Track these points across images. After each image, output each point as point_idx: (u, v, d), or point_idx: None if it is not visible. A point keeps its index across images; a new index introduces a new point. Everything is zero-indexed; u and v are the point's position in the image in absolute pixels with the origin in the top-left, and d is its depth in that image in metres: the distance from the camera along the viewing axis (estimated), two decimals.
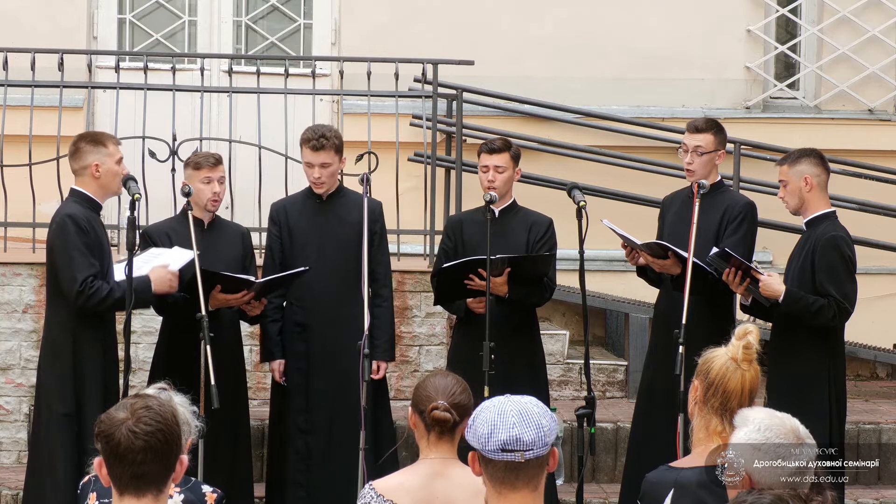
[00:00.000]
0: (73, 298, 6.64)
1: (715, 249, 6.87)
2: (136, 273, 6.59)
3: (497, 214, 7.24)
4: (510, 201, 7.39)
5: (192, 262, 6.78)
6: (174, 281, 6.81)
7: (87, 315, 6.71)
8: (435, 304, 7.69)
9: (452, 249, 7.39)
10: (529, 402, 3.56)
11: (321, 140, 7.29)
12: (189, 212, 6.95)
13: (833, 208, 7.00)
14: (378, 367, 7.31)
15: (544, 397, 7.19)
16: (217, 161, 7.32)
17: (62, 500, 6.65)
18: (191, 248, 6.83)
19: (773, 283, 6.78)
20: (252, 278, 7.12)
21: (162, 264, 6.82)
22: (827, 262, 6.76)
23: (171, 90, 9.01)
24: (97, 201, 6.88)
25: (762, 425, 3.74)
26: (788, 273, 6.95)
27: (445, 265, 7.15)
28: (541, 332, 7.63)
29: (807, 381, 6.77)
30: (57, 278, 6.74)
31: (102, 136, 6.97)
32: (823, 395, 6.75)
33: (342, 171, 7.63)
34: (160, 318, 8.01)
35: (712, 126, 7.31)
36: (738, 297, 7.05)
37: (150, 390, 4.33)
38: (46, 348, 6.87)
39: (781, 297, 6.73)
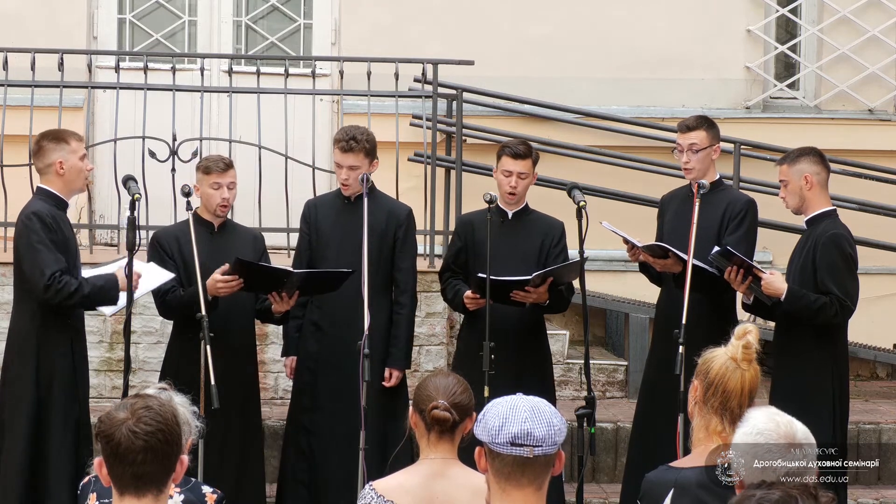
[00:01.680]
0: (40, 292, 6.60)
1: (717, 248, 6.86)
2: (101, 271, 6.65)
3: (510, 217, 7.25)
4: (523, 205, 7.37)
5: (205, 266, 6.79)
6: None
7: (53, 311, 6.68)
8: (445, 300, 7.64)
9: (462, 249, 7.38)
10: (541, 402, 3.60)
11: (350, 143, 7.23)
12: (189, 213, 6.90)
13: (833, 206, 6.99)
14: (390, 374, 7.26)
15: (551, 399, 7.14)
16: (227, 166, 7.22)
17: (14, 499, 6.65)
18: (199, 250, 6.79)
19: (776, 281, 6.77)
20: (289, 268, 7.09)
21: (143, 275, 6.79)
22: (828, 260, 6.76)
23: (171, 90, 9.01)
24: (63, 199, 6.86)
25: (755, 428, 3.73)
26: (790, 272, 6.95)
27: (483, 276, 7.08)
28: None
29: (810, 381, 6.76)
30: (23, 274, 6.73)
31: (64, 133, 6.95)
32: (827, 394, 6.74)
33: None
34: (160, 319, 8.02)
35: (703, 122, 7.32)
36: (740, 295, 7.04)
37: (151, 390, 4.33)
38: (12, 347, 6.85)
39: (783, 296, 6.72)
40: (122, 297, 6.72)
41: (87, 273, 6.83)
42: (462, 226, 7.52)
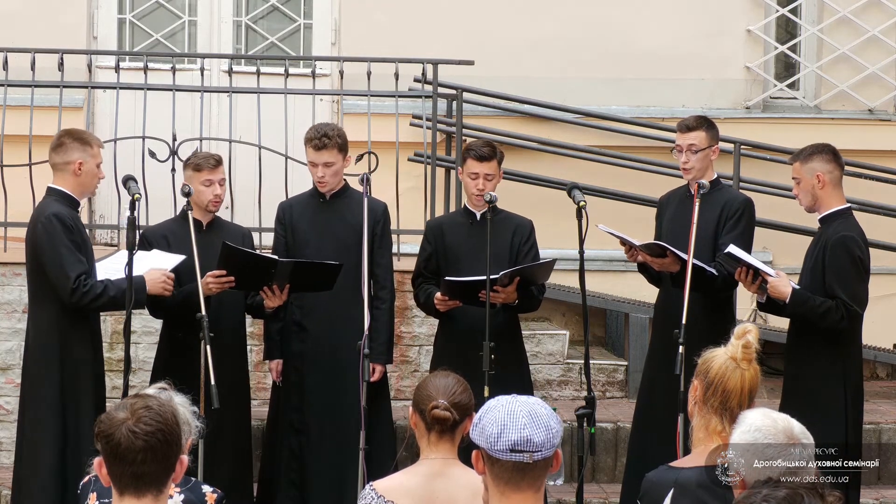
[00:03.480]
0: (67, 296, 6.63)
1: (731, 247, 6.83)
2: (118, 273, 6.61)
3: (479, 218, 7.23)
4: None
5: (189, 260, 6.78)
6: (168, 284, 6.82)
7: (78, 313, 6.69)
8: (419, 305, 7.62)
9: (432, 254, 7.37)
10: (537, 404, 3.55)
11: (323, 139, 7.29)
12: (189, 213, 6.93)
13: (848, 204, 6.90)
14: (374, 369, 7.26)
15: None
16: (217, 162, 7.30)
17: (47, 500, 6.63)
18: (189, 248, 6.81)
19: (780, 284, 6.72)
20: (275, 257, 7.10)
21: (156, 267, 6.81)
22: (835, 263, 6.70)
23: (171, 90, 9.02)
24: (76, 199, 6.86)
25: (752, 426, 3.73)
26: (803, 272, 6.92)
27: (451, 279, 7.08)
28: (540, 332, 7.62)
29: (822, 382, 6.70)
30: (46, 278, 6.71)
31: (89, 137, 6.97)
32: (839, 395, 6.69)
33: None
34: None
35: (703, 123, 7.32)
36: (747, 294, 7.01)
37: (151, 390, 4.33)
38: (33, 350, 6.84)
39: (788, 299, 6.69)
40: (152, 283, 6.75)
41: (99, 268, 6.83)
42: (430, 230, 7.50)
